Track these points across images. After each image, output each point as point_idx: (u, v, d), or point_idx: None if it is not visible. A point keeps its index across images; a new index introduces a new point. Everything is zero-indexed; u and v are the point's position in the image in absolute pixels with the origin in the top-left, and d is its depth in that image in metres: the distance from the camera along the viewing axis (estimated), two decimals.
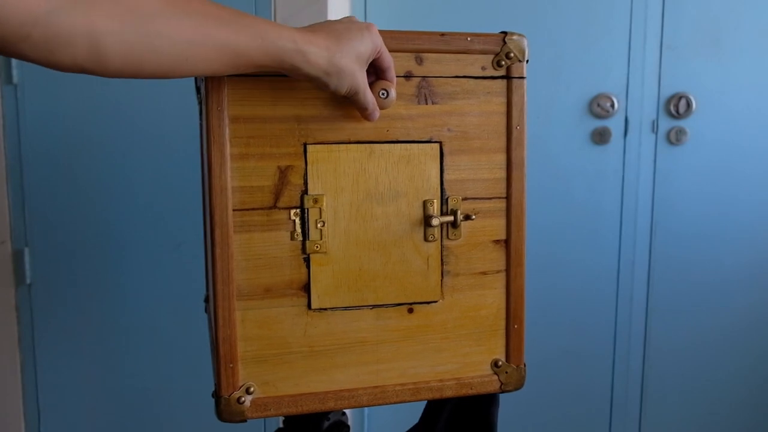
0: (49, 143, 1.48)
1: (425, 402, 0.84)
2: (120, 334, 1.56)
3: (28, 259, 1.51)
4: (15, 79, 1.46)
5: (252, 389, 0.69)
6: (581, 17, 1.63)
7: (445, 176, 0.72)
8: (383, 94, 0.66)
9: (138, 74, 0.51)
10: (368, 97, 0.64)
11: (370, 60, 0.63)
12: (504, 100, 0.73)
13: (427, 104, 0.70)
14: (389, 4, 1.61)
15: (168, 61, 0.51)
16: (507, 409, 0.97)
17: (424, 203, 0.71)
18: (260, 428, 1.56)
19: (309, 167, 0.68)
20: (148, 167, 1.50)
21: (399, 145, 0.70)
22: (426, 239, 0.72)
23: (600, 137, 1.65)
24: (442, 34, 0.70)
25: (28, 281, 1.52)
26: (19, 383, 1.54)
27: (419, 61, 0.69)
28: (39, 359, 1.55)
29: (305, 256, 0.69)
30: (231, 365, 0.68)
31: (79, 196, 1.50)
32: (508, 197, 0.74)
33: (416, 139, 0.71)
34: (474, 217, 0.72)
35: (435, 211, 0.72)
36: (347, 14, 1.59)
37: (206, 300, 1.03)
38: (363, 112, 0.66)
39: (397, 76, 0.69)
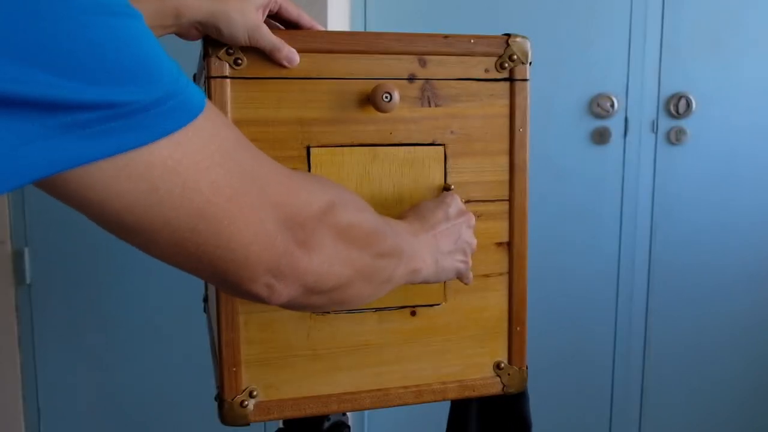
0: None
1: (428, 404, 0.83)
2: (120, 334, 1.55)
3: (28, 259, 1.51)
4: None
5: (255, 393, 0.68)
6: (581, 17, 1.62)
7: (449, 179, 0.71)
8: (386, 97, 0.66)
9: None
10: (470, 276, 0.69)
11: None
12: (507, 102, 0.72)
13: (430, 107, 0.70)
14: (389, 6, 1.60)
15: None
16: None
17: None
18: (260, 428, 1.56)
19: (312, 170, 0.67)
20: None
21: (403, 147, 0.70)
22: None
23: (600, 137, 1.65)
24: (446, 36, 0.69)
25: (28, 281, 1.51)
26: (19, 383, 1.53)
27: (422, 64, 0.69)
28: (39, 359, 1.54)
29: None
30: (234, 369, 0.67)
31: None
32: (510, 200, 0.74)
33: (420, 142, 0.70)
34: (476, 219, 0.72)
35: None
36: (347, 16, 1.58)
37: (205, 300, 1.03)
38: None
39: (400, 79, 0.68)
